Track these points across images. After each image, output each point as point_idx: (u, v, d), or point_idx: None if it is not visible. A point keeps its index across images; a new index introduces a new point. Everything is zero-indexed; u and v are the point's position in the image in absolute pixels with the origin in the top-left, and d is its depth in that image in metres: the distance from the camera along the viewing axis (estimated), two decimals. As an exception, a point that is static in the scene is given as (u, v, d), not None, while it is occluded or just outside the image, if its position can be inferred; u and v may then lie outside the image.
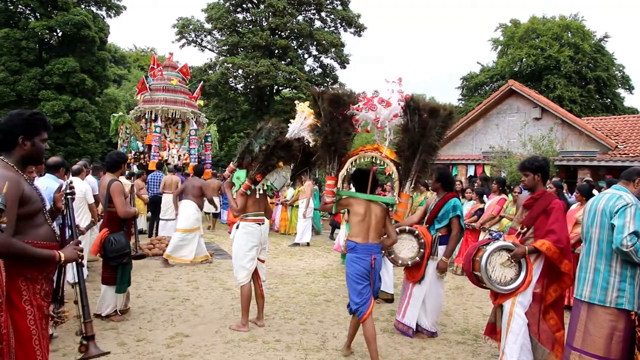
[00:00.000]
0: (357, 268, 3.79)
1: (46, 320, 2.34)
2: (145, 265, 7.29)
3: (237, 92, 27.36)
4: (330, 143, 3.85)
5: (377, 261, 3.83)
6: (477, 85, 32.04)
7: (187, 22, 26.60)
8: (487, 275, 3.63)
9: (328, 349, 4.22)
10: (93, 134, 25.87)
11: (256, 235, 4.64)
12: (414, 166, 3.84)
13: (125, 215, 4.64)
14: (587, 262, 3.17)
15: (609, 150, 14.06)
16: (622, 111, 28.17)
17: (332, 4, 26.36)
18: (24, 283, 2.20)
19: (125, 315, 4.82)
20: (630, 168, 3.33)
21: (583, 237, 3.27)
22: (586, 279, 3.15)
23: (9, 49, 23.56)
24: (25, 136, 2.29)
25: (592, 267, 3.12)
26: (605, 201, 3.15)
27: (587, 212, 3.27)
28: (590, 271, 3.13)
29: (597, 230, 3.14)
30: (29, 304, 2.20)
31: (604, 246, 3.09)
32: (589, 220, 3.22)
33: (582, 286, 3.17)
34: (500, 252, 3.67)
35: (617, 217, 3.01)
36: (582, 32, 28.44)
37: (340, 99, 3.81)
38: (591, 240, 3.17)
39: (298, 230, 10.90)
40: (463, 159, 16.50)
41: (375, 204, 3.93)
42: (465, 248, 7.83)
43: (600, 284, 3.06)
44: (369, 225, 3.86)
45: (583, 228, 3.28)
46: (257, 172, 4.49)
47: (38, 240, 2.26)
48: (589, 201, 3.33)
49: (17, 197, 2.12)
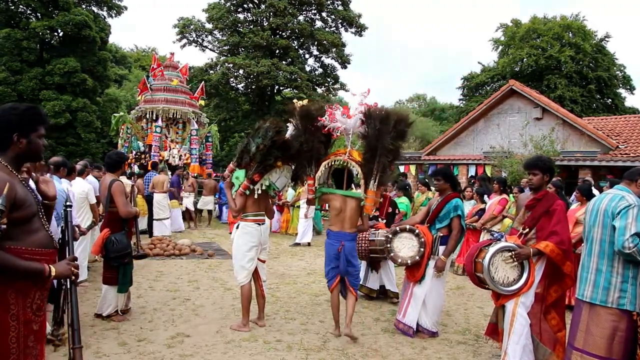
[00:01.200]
0: (328, 251, 4.58)
1: (35, 337, 2.09)
2: (146, 265, 7.29)
3: (238, 92, 27.36)
4: (306, 150, 4.52)
5: (345, 247, 4.47)
6: (478, 85, 32.02)
7: (188, 22, 26.60)
8: (489, 276, 3.62)
9: (329, 349, 4.22)
10: (94, 134, 25.90)
11: (256, 235, 4.63)
12: (374, 167, 4.44)
13: (127, 215, 4.64)
14: (589, 262, 3.15)
15: (610, 151, 14.04)
16: (623, 111, 28.13)
17: (333, 4, 26.34)
18: (12, 296, 1.99)
19: (126, 315, 4.82)
20: (634, 168, 3.30)
21: (585, 237, 3.25)
22: (588, 279, 3.12)
23: (10, 49, 23.61)
24: (20, 133, 2.08)
25: (594, 267, 3.10)
26: (608, 201, 3.13)
27: (589, 212, 3.25)
28: (592, 271, 3.11)
29: (599, 230, 3.12)
30: (15, 320, 1.99)
31: (606, 246, 3.07)
32: (591, 220, 3.20)
33: (584, 286, 3.15)
34: (503, 253, 3.67)
35: (619, 218, 2.99)
36: (583, 32, 28.43)
37: (310, 113, 4.52)
38: (593, 240, 3.15)
39: (299, 231, 10.90)
40: (464, 159, 16.48)
41: (351, 198, 4.57)
42: (466, 248, 7.82)
43: (602, 285, 3.04)
44: (344, 217, 4.53)
45: (585, 228, 3.26)
46: (255, 172, 4.50)
47: (34, 247, 2.07)
48: (591, 201, 3.32)
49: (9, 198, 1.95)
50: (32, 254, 2.06)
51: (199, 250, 8.79)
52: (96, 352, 3.86)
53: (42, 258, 2.11)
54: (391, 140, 4.40)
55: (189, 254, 8.58)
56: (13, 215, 1.99)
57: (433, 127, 37.19)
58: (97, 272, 6.01)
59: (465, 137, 17.58)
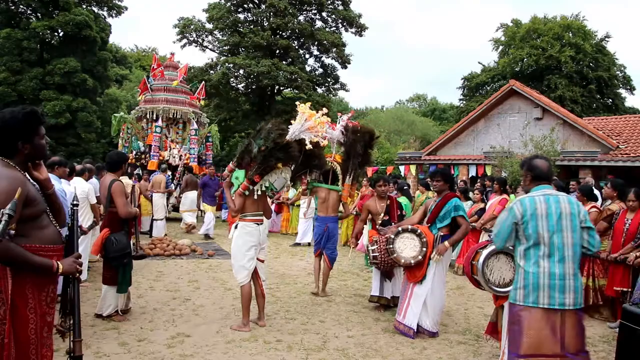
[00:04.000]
0: (316, 230, 6.37)
1: (48, 328, 2.23)
2: (146, 265, 7.29)
3: (238, 92, 27.37)
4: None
5: (329, 227, 6.13)
6: (478, 85, 32.04)
7: (188, 22, 26.62)
8: (484, 278, 3.64)
9: (329, 349, 4.22)
10: (94, 134, 25.94)
11: (255, 235, 4.64)
12: (349, 166, 6.16)
13: (127, 216, 4.64)
14: (564, 269, 2.90)
15: (611, 151, 14.03)
16: (624, 111, 28.12)
17: (334, 4, 26.37)
18: (30, 290, 2.12)
19: (126, 315, 4.83)
20: (546, 164, 3.20)
21: (543, 243, 2.93)
22: (567, 286, 2.89)
23: (10, 49, 23.62)
24: (24, 140, 2.19)
25: (571, 273, 2.91)
26: (569, 205, 2.98)
27: (544, 216, 2.95)
28: (569, 278, 2.90)
29: (569, 235, 2.93)
30: (33, 313, 2.12)
31: (578, 250, 2.95)
32: (556, 226, 2.93)
33: (563, 294, 2.88)
34: (498, 255, 3.67)
35: (588, 220, 2.99)
36: (583, 32, 28.43)
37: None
38: (564, 246, 2.92)
39: (299, 231, 10.89)
40: (464, 159, 16.47)
41: (333, 191, 6.18)
42: (466, 248, 7.81)
43: (580, 289, 2.93)
44: (328, 205, 6.16)
45: (542, 233, 2.93)
46: (255, 173, 4.51)
47: (43, 244, 2.18)
48: (538, 206, 2.97)
49: (20, 199, 2.03)
50: (44, 250, 2.17)
51: (199, 250, 8.80)
52: (96, 352, 3.86)
53: (54, 254, 2.24)
54: (363, 148, 6.14)
55: (189, 254, 8.58)
56: (25, 212, 2.10)
57: (433, 127, 37.19)
58: (98, 272, 6.00)
59: (466, 137, 17.57)
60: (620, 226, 5.36)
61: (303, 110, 4.88)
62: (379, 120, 34.58)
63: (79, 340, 2.34)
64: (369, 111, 45.07)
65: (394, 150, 25.05)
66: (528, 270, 2.94)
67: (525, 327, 2.90)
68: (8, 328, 2.02)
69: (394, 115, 37.91)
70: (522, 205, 3.00)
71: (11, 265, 2.05)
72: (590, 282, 5.60)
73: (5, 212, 1.92)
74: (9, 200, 1.95)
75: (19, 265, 2.06)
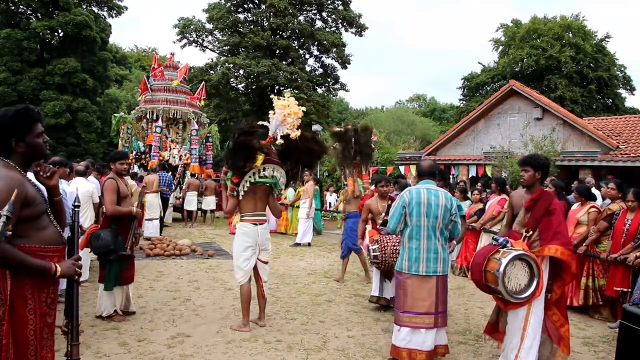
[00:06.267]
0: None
1: (49, 329, 2.20)
2: (146, 265, 7.30)
3: (238, 92, 27.34)
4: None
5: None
6: (478, 86, 32.00)
7: (188, 22, 26.58)
8: (505, 288, 3.47)
9: (329, 349, 4.22)
10: (94, 134, 25.93)
11: (251, 235, 4.61)
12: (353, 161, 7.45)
13: (113, 213, 4.62)
14: (429, 244, 3.75)
15: (611, 151, 14.03)
16: (624, 111, 28.11)
17: (334, 4, 26.33)
18: (29, 291, 2.09)
19: (126, 315, 4.83)
20: (428, 163, 4.05)
21: (411, 224, 3.77)
22: (438, 259, 3.77)
23: (10, 49, 23.62)
24: (17, 138, 2.16)
25: (440, 249, 3.79)
26: (444, 199, 3.80)
27: (424, 205, 3.75)
28: (440, 252, 3.78)
29: (441, 222, 3.79)
30: (32, 313, 2.09)
31: (445, 233, 3.88)
32: (432, 213, 3.75)
33: (434, 264, 3.75)
34: (514, 261, 3.51)
35: (457, 214, 3.91)
36: (583, 32, 28.40)
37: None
38: (428, 227, 3.76)
39: (299, 231, 10.88)
40: (464, 159, 16.49)
41: None
42: (465, 249, 7.82)
43: (447, 260, 3.86)
44: None
45: (411, 217, 3.76)
46: (233, 174, 4.56)
47: (43, 244, 2.15)
48: (422, 196, 3.78)
49: (18, 200, 2.01)
50: (43, 250, 2.15)
51: (199, 250, 8.80)
52: (96, 352, 3.86)
53: (54, 255, 2.22)
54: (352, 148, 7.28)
55: (189, 254, 8.58)
56: (24, 212, 2.07)
57: (433, 127, 37.15)
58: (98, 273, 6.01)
59: (466, 137, 17.57)
60: (620, 226, 5.36)
61: (283, 105, 4.70)
62: (378, 121, 34.55)
63: (77, 344, 2.32)
64: (369, 111, 45.03)
65: (394, 150, 25.01)
66: (412, 247, 3.79)
67: (409, 290, 3.77)
68: (6, 329, 1.99)
69: (394, 115, 37.87)
70: (410, 194, 3.82)
71: (7, 267, 2.02)
72: (590, 282, 5.60)
73: (3, 214, 1.90)
74: (7, 201, 1.93)
75: (16, 267, 2.03)
